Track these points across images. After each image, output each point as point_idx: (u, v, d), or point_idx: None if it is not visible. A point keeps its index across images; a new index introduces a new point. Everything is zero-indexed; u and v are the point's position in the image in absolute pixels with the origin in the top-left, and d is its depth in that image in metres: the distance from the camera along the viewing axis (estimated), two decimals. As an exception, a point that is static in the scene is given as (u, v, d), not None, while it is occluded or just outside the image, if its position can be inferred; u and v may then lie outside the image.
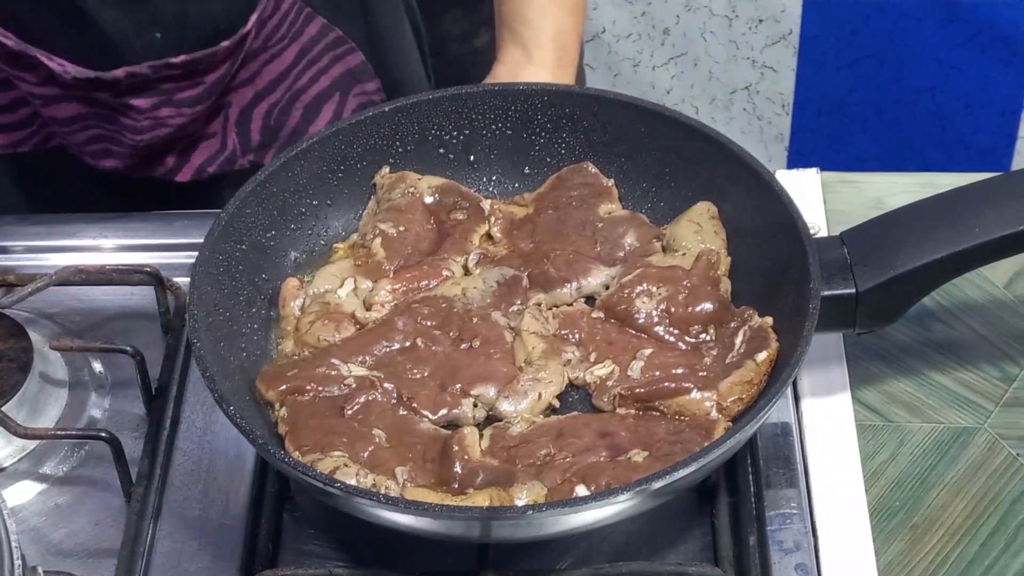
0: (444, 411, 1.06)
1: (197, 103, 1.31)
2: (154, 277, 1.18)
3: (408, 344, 1.10)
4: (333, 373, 1.07)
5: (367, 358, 1.09)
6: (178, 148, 1.35)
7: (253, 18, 1.31)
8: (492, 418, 1.07)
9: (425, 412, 1.06)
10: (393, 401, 1.06)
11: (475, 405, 1.07)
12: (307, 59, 1.39)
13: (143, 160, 1.35)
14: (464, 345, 1.09)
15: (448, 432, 1.05)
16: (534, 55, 1.41)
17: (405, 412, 1.06)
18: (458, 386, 1.07)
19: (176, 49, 1.28)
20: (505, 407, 1.06)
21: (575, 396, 1.09)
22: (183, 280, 1.18)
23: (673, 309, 1.10)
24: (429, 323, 1.11)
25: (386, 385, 1.07)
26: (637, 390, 1.06)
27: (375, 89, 1.43)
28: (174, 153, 1.36)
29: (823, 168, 1.31)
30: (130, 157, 1.34)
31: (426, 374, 1.08)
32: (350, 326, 1.11)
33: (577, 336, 1.11)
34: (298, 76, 1.38)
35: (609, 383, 1.07)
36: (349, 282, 1.14)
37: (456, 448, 1.02)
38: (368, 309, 1.13)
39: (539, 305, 1.13)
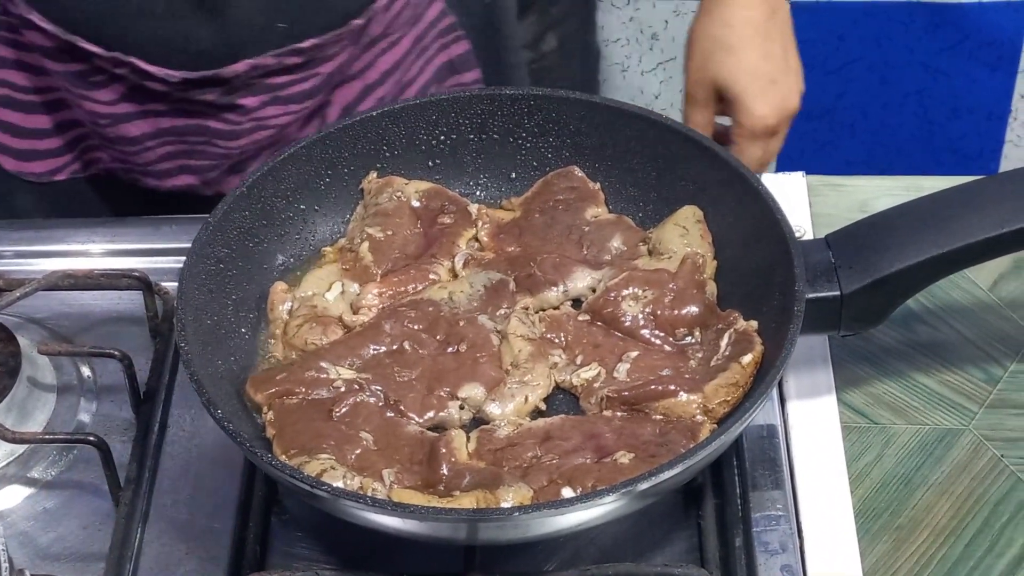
0: (431, 414, 1.06)
1: (307, 98, 1.31)
2: (142, 282, 1.18)
3: (395, 347, 1.10)
4: (321, 376, 1.07)
5: (355, 361, 1.09)
6: (263, 158, 1.35)
7: None
8: (479, 420, 1.07)
9: (412, 415, 1.06)
10: (380, 404, 1.06)
11: (462, 408, 1.07)
12: (419, 47, 1.38)
13: (226, 172, 1.35)
14: (451, 348, 1.10)
15: (435, 435, 1.05)
16: None
17: (392, 415, 1.06)
18: (445, 389, 1.07)
19: (300, 36, 1.27)
20: (492, 410, 1.06)
21: (561, 399, 1.09)
22: (171, 284, 1.18)
23: (659, 312, 1.10)
24: (416, 326, 1.11)
25: (373, 388, 1.07)
26: (624, 392, 1.06)
27: (473, 80, 1.41)
28: (259, 162, 1.35)
29: (811, 172, 1.31)
30: (213, 169, 1.34)
31: (413, 377, 1.08)
32: (338, 329, 1.12)
33: (563, 339, 1.11)
34: (408, 67, 1.37)
35: (595, 385, 1.08)
36: (337, 286, 1.14)
37: (443, 450, 1.02)
38: (355, 313, 1.13)
39: (526, 309, 1.13)
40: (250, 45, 1.27)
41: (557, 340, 1.11)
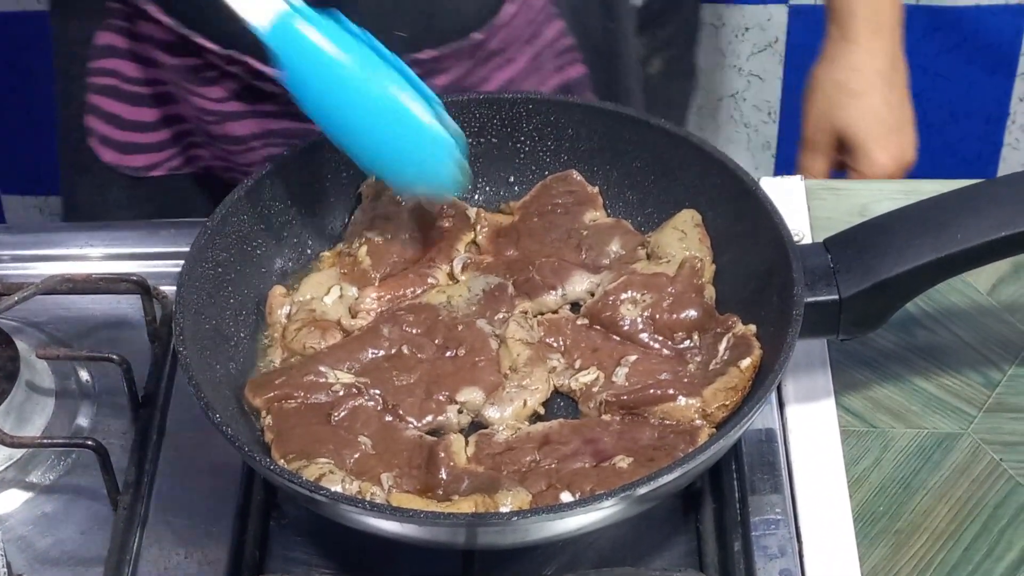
0: (429, 418, 1.06)
1: None
2: (141, 286, 1.18)
3: (394, 351, 1.10)
4: (319, 380, 1.07)
5: (353, 365, 1.09)
6: None
7: (507, 9, 1.30)
8: (477, 425, 1.07)
9: (410, 419, 1.06)
10: (379, 408, 1.06)
11: (460, 412, 1.07)
12: (536, 65, 1.37)
13: None
14: (449, 353, 1.10)
15: (433, 439, 1.05)
16: (848, 28, 1.39)
17: (391, 419, 1.06)
18: (444, 393, 1.07)
19: (419, 46, 1.28)
20: (490, 414, 1.06)
21: (560, 403, 1.09)
22: (170, 289, 1.18)
23: (657, 316, 1.10)
24: (414, 331, 1.11)
25: (372, 392, 1.07)
26: (622, 397, 1.06)
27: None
28: None
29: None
30: None
31: (412, 381, 1.08)
32: (336, 333, 1.12)
33: (562, 343, 1.11)
34: (521, 85, 1.37)
35: (594, 390, 1.08)
36: (335, 290, 1.14)
37: (442, 455, 1.02)
38: (354, 317, 1.13)
39: (525, 313, 1.13)
40: None
41: (556, 344, 1.11)
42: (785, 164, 2.31)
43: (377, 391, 1.07)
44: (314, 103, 1.08)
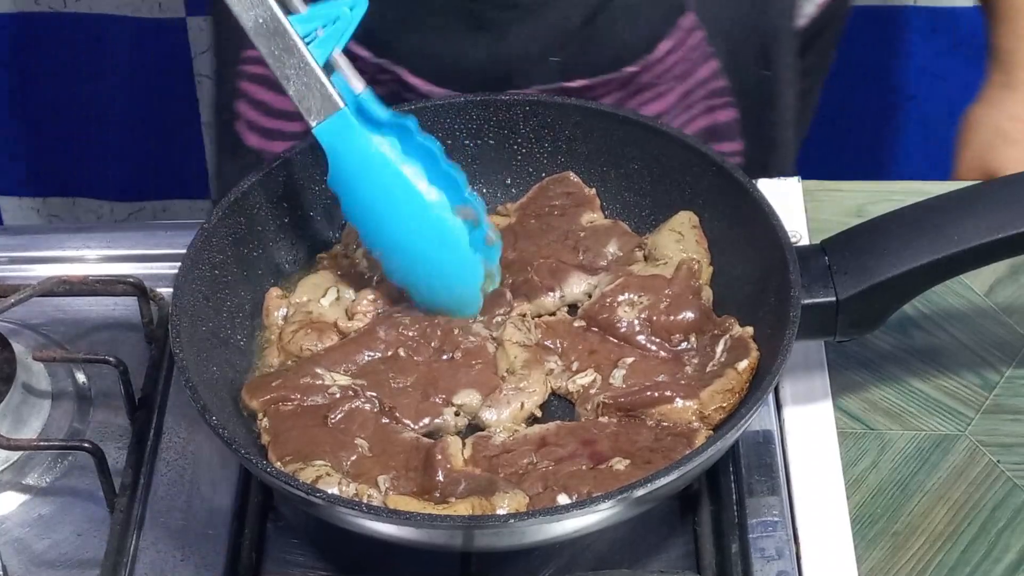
0: (426, 420, 1.06)
1: None
2: (137, 288, 1.18)
3: (390, 353, 1.10)
4: (316, 382, 1.07)
5: (350, 367, 1.09)
6: None
7: (663, 46, 1.29)
8: (474, 427, 1.07)
9: (407, 421, 1.06)
10: (375, 410, 1.06)
11: (457, 414, 1.07)
12: (685, 103, 1.36)
13: None
14: (446, 356, 1.10)
15: (430, 441, 1.05)
16: (1012, 75, 1.39)
17: (387, 421, 1.06)
18: (440, 395, 1.07)
19: (571, 75, 1.28)
20: (487, 416, 1.06)
21: (557, 405, 1.09)
22: (166, 291, 1.18)
23: (654, 318, 1.10)
24: (411, 332, 1.11)
25: (368, 394, 1.07)
26: (620, 399, 1.06)
27: (732, 151, 1.39)
28: None
29: (806, 177, 1.31)
30: None
31: (408, 383, 1.08)
32: (333, 336, 1.11)
33: (559, 345, 1.11)
34: (669, 121, 1.35)
35: (592, 391, 1.08)
36: (332, 292, 1.14)
37: (439, 457, 1.02)
38: (350, 319, 1.13)
39: (523, 316, 1.13)
40: (519, 75, 1.28)
41: (553, 347, 1.11)
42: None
43: (373, 393, 1.07)
44: (354, 207, 1.09)
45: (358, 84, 1.08)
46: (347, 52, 1.26)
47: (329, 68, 1.06)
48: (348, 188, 1.08)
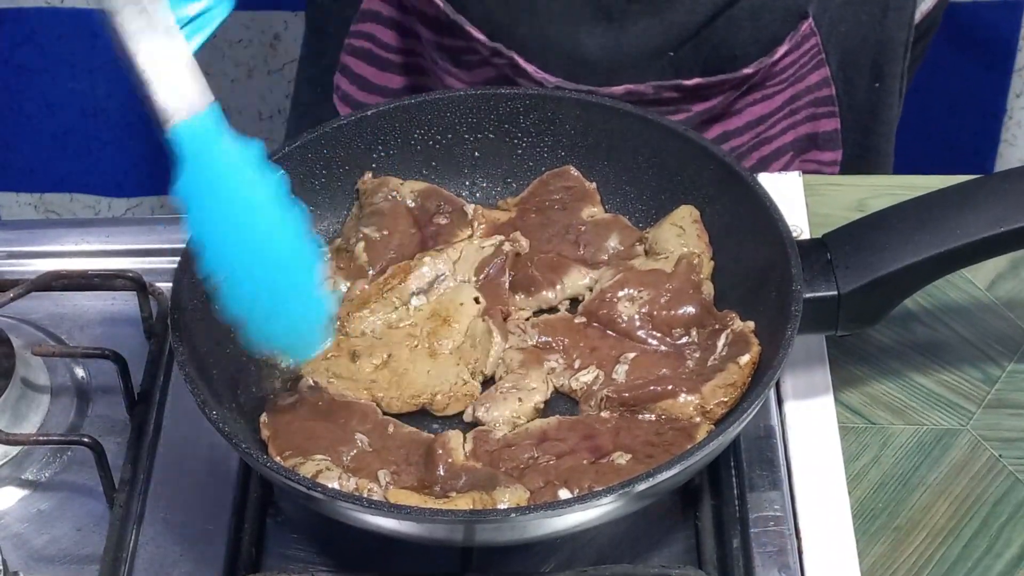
0: None
1: None
2: (136, 282, 1.18)
3: (390, 348, 1.10)
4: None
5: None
6: None
7: (781, 49, 1.29)
8: (477, 422, 1.07)
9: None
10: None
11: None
12: (791, 108, 1.35)
13: None
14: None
15: (431, 436, 1.04)
16: None
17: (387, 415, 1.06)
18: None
19: (687, 72, 1.27)
20: (482, 414, 1.06)
21: (560, 404, 1.09)
22: (166, 285, 1.17)
23: (655, 313, 1.10)
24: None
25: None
26: (623, 394, 1.06)
27: (831, 160, 1.38)
28: None
29: (807, 171, 1.31)
30: None
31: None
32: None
33: (560, 343, 1.11)
34: (773, 124, 1.35)
35: (594, 388, 1.07)
36: (328, 283, 1.14)
37: (440, 451, 1.02)
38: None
39: (526, 320, 1.12)
40: (634, 68, 1.27)
41: (554, 345, 1.11)
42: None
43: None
44: (204, 220, 0.96)
45: (208, 94, 0.95)
46: (462, 30, 1.26)
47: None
48: (202, 198, 0.96)
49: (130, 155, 2.26)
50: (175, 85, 0.91)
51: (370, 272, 1.14)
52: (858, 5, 1.32)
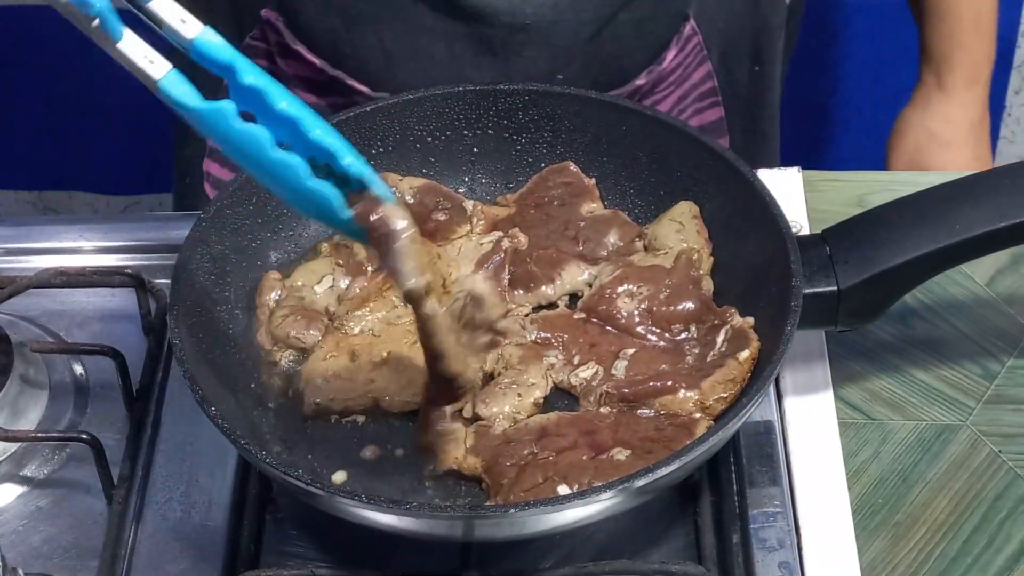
0: None
1: None
2: (135, 279, 1.18)
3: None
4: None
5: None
6: None
7: (668, 55, 1.29)
8: (476, 418, 1.07)
9: None
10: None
11: None
12: (679, 108, 1.36)
13: None
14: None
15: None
16: (943, 77, 1.41)
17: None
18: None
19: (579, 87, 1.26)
20: (481, 409, 1.06)
21: (560, 400, 1.08)
22: (164, 282, 1.18)
23: (655, 308, 1.10)
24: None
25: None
26: (623, 389, 1.06)
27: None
28: None
29: (807, 167, 1.31)
30: None
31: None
32: (321, 325, 1.11)
33: (560, 339, 1.11)
34: None
35: (594, 384, 1.07)
36: (328, 279, 1.14)
37: None
38: (340, 304, 1.12)
39: (526, 316, 1.12)
40: None
41: (554, 341, 1.10)
42: (783, 157, 2.31)
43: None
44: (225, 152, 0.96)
45: (191, 29, 0.94)
46: (345, 89, 1.24)
47: (156, 22, 0.94)
48: (213, 140, 0.97)
49: (129, 153, 2.26)
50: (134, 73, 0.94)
51: (369, 269, 1.14)
52: None
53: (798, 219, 1.22)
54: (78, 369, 1.17)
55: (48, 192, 2.31)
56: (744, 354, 1.05)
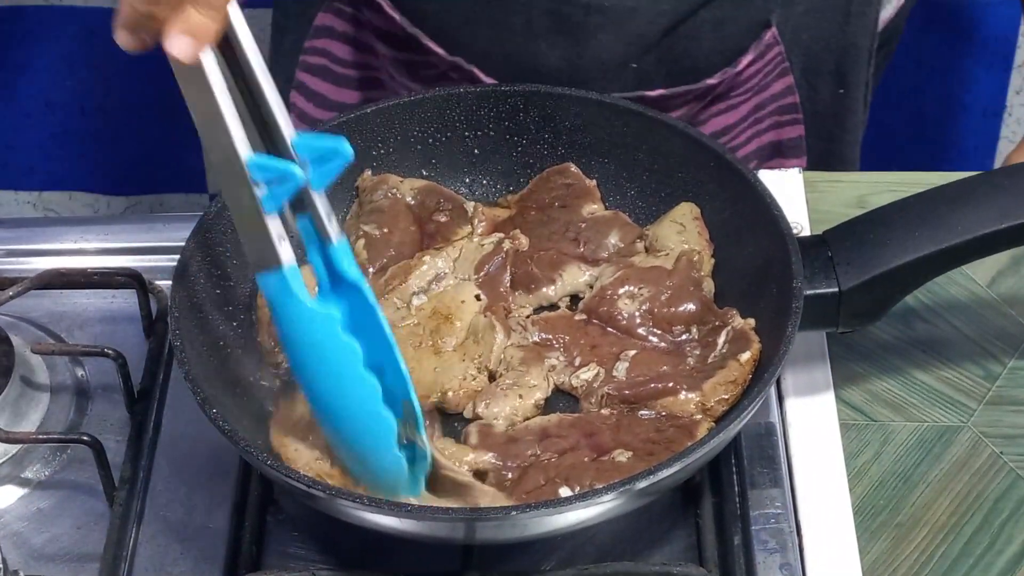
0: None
1: None
2: (136, 280, 1.17)
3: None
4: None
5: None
6: None
7: (746, 59, 1.29)
8: (477, 418, 1.07)
9: None
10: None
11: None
12: (755, 117, 1.35)
13: None
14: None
15: None
16: None
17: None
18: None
19: (650, 83, 1.27)
20: (481, 411, 1.06)
21: (561, 402, 1.08)
22: (165, 283, 1.17)
23: (655, 310, 1.10)
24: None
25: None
26: (624, 391, 1.06)
27: (796, 168, 1.35)
28: None
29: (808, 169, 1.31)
30: None
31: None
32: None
33: (561, 341, 1.11)
34: (738, 134, 1.35)
35: (595, 385, 1.07)
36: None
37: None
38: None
39: (527, 317, 1.12)
40: (596, 80, 1.26)
41: (555, 342, 1.10)
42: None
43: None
44: (292, 358, 0.99)
45: (333, 233, 0.95)
46: (420, 44, 1.24)
47: (308, 207, 0.95)
48: (286, 340, 0.98)
49: (129, 153, 2.25)
50: (254, 242, 0.94)
51: (370, 270, 1.14)
52: (820, 12, 1.31)
53: (799, 220, 1.22)
54: (79, 371, 1.17)
55: (48, 192, 2.31)
56: (745, 355, 1.05)
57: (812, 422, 1.11)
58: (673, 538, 1.06)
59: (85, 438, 1.06)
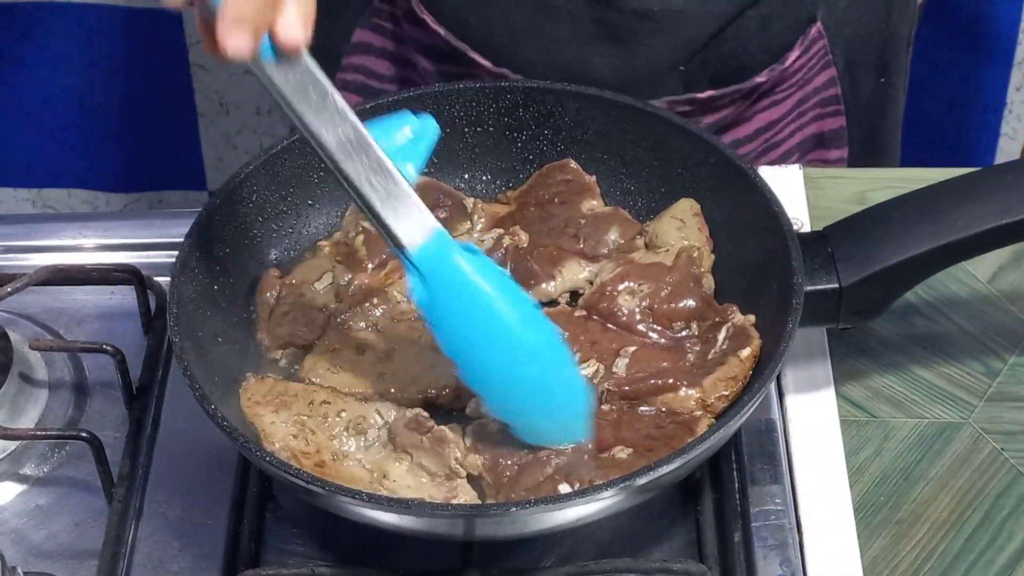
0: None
1: None
2: (134, 276, 1.17)
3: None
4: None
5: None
6: None
7: (793, 55, 1.29)
8: (478, 416, 1.07)
9: None
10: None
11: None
12: (799, 111, 1.35)
13: None
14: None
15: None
16: None
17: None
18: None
19: (698, 85, 1.27)
20: (481, 408, 1.06)
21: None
22: (164, 279, 1.17)
23: (655, 306, 1.10)
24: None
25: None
26: (624, 387, 1.05)
27: (837, 158, 1.38)
28: None
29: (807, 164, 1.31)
30: None
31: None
32: (321, 322, 1.11)
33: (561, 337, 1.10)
34: (781, 129, 1.35)
35: (595, 381, 1.07)
36: (328, 276, 1.13)
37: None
38: (339, 301, 1.12)
39: None
40: (645, 85, 1.27)
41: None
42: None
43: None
44: (453, 338, 0.98)
45: (432, 220, 0.97)
46: (464, 57, 1.24)
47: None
48: (447, 317, 0.98)
49: (128, 151, 2.25)
50: (401, 217, 0.95)
51: (369, 265, 1.14)
52: (864, 4, 1.31)
53: (799, 216, 1.22)
54: (77, 367, 1.17)
55: (47, 190, 2.31)
56: (745, 352, 1.04)
57: (812, 418, 1.10)
58: (673, 535, 1.06)
59: (84, 434, 1.05)
